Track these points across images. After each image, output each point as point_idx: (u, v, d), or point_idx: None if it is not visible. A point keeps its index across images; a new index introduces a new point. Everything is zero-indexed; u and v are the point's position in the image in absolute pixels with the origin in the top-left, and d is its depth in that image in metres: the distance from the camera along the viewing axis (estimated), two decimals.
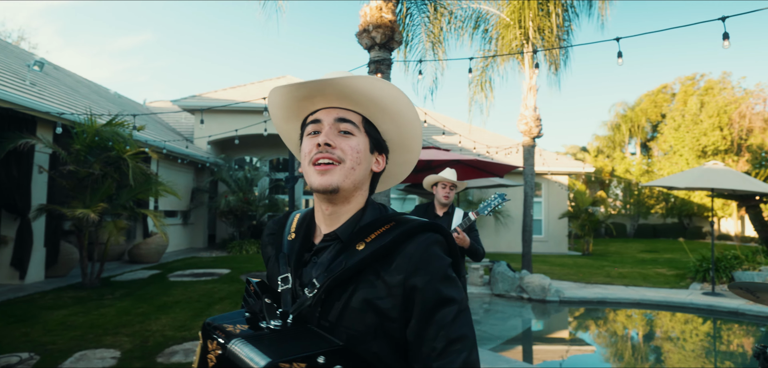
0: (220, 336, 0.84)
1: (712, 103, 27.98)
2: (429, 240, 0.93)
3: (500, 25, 12.49)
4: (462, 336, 0.88)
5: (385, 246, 0.92)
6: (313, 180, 0.97)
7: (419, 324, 0.89)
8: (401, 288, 0.89)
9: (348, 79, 0.95)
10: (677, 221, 29.89)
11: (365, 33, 6.27)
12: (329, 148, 0.96)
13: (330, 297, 0.92)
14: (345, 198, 1.00)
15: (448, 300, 0.90)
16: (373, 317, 0.89)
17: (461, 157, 8.25)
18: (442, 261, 0.92)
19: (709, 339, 6.95)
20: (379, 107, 1.01)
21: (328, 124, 0.99)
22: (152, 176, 9.27)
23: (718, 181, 9.70)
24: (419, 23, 11.09)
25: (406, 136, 1.07)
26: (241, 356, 0.77)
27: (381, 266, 0.92)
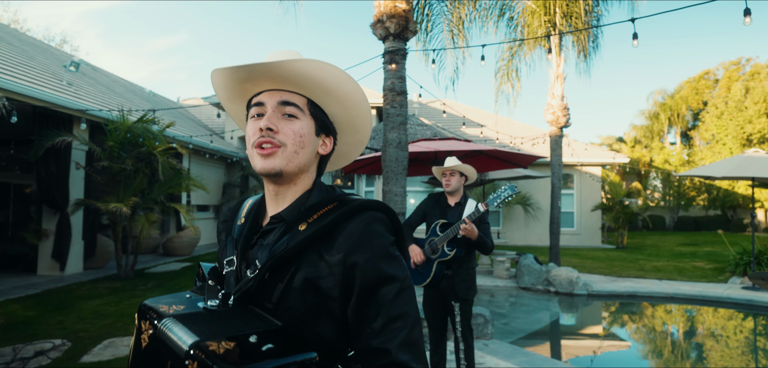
0: (153, 316, 0.84)
1: (758, 88, 26.58)
2: (370, 218, 0.92)
3: (526, 13, 12.23)
4: (402, 314, 0.87)
5: (326, 225, 0.91)
6: (256, 163, 0.97)
7: (359, 302, 0.88)
8: (341, 266, 0.89)
9: (290, 63, 0.93)
10: (720, 213, 28.62)
11: (379, 24, 6.25)
12: (271, 133, 0.96)
13: (272, 277, 0.92)
14: (290, 180, 0.99)
15: (390, 278, 0.89)
16: (314, 297, 0.89)
17: (481, 147, 8.14)
18: (383, 239, 0.91)
19: (750, 334, 6.65)
20: (324, 89, 0.99)
21: (272, 106, 0.98)
22: (182, 171, 9.54)
23: (760, 170, 9.24)
24: (439, 12, 10.98)
25: (353, 117, 1.06)
26: (169, 335, 0.77)
27: (322, 246, 0.91)
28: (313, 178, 1.04)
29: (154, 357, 0.81)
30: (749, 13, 4.56)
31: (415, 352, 0.87)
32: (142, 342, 0.85)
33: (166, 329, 0.79)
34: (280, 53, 0.99)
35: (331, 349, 0.90)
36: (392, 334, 0.86)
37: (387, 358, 0.85)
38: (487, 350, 4.72)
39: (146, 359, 0.84)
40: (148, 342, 0.83)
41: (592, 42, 12.77)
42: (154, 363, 0.82)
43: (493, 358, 4.50)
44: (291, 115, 0.98)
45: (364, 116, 1.06)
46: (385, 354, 0.85)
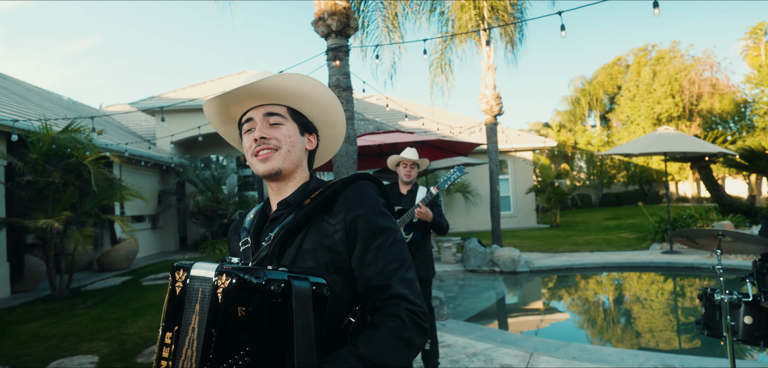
0: (185, 265, 0.99)
1: (663, 72, 29.09)
2: (363, 184, 1.12)
3: (455, 7, 12.65)
4: (398, 258, 1.05)
5: (327, 195, 1.10)
6: (257, 168, 1.15)
7: (361, 249, 1.05)
8: (343, 222, 1.07)
9: (264, 81, 1.10)
10: (638, 188, 31.08)
11: (321, 21, 6.28)
12: (265, 141, 1.13)
13: (284, 245, 1.09)
14: (288, 176, 1.17)
15: (384, 229, 1.08)
16: (323, 254, 1.05)
17: (424, 138, 8.39)
18: (375, 199, 1.11)
19: (670, 294, 7.37)
20: (298, 96, 1.17)
21: (259, 119, 1.15)
22: (116, 181, 9.05)
23: (670, 145, 10.20)
24: (374, 9, 11.15)
25: (329, 114, 1.24)
26: (200, 271, 0.95)
27: (325, 212, 1.09)
28: (306, 171, 1.22)
29: (188, 293, 0.95)
30: (657, 4, 5.05)
31: (411, 289, 1.03)
32: (176, 290, 0.98)
33: (197, 267, 0.96)
34: (256, 74, 1.15)
35: (342, 302, 1.04)
36: (390, 273, 1.03)
37: (387, 292, 1.01)
38: (445, 329, 4.95)
39: (180, 300, 0.97)
40: (182, 286, 0.97)
41: (518, 33, 13.45)
42: (188, 297, 0.95)
43: (451, 336, 4.72)
44: (276, 123, 1.15)
45: (336, 112, 1.24)
46: (385, 288, 1.02)
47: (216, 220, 14.03)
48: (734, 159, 12.63)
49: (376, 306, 1.02)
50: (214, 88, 16.55)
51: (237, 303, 0.87)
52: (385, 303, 1.01)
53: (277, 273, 0.89)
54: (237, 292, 0.86)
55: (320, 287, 0.94)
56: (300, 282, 0.91)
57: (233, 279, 0.87)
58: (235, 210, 14.25)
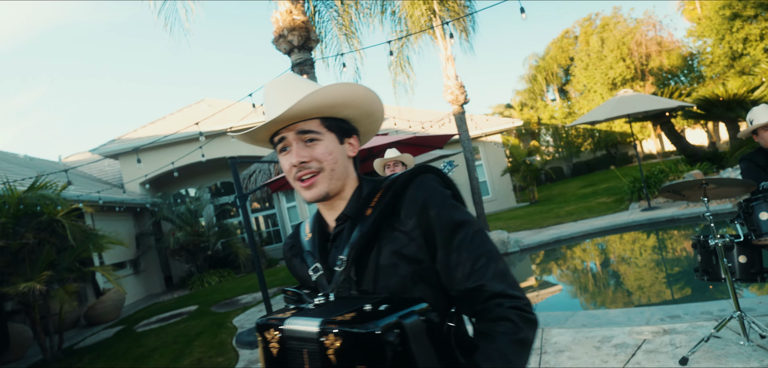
0: (274, 322, 0.91)
1: (610, 38, 30.11)
2: (425, 179, 1.02)
3: (406, 5, 12.81)
4: (484, 252, 0.96)
5: (388, 202, 1.00)
6: (303, 195, 1.06)
7: (443, 252, 0.96)
8: (418, 228, 0.97)
9: (291, 111, 0.98)
10: (606, 152, 32.08)
11: (281, 38, 6.29)
12: (305, 165, 1.02)
13: (359, 265, 1.00)
14: (337, 193, 1.07)
15: (462, 223, 0.98)
16: (405, 266, 0.97)
17: (399, 137, 8.47)
18: (442, 193, 1.01)
19: (657, 248, 7.68)
20: (330, 106, 1.04)
21: (293, 139, 1.03)
22: (92, 232, 8.79)
23: (632, 106, 10.60)
24: (329, 19, 11.20)
25: (365, 107, 1.10)
26: (297, 328, 0.86)
27: (392, 221, 1.00)
28: (355, 177, 1.11)
29: (289, 354, 0.88)
30: None
31: (507, 281, 0.95)
32: (272, 352, 0.91)
33: (292, 325, 0.88)
34: (276, 89, 1.06)
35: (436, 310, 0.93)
36: (482, 271, 0.94)
37: (485, 294, 0.93)
38: None
39: (281, 363, 0.90)
40: (278, 346, 0.90)
41: (470, 21, 13.71)
42: (290, 359, 0.88)
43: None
44: (312, 140, 1.03)
45: (373, 101, 1.10)
46: (481, 290, 0.93)
47: (199, 254, 13.77)
48: (692, 110, 13.21)
49: (477, 310, 0.95)
50: (175, 121, 16.23)
51: (354, 362, 0.78)
52: (485, 305, 0.93)
53: (385, 316, 0.79)
54: (352, 350, 0.78)
55: (428, 313, 0.84)
56: (409, 318, 0.80)
57: (344, 336, 0.79)
58: (217, 241, 14.02)
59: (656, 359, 3.32)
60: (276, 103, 1.05)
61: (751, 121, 3.49)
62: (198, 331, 7.00)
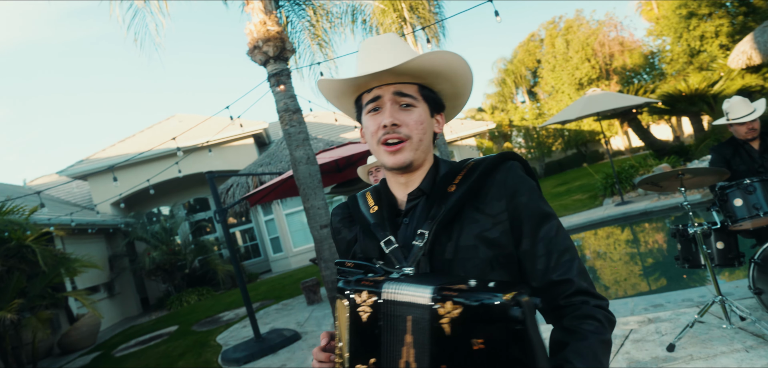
0: (367, 285, 0.85)
1: (575, 39, 30.97)
2: (513, 166, 1.00)
3: (376, 13, 12.92)
4: (568, 247, 0.96)
5: (475, 181, 0.98)
6: (385, 160, 1.02)
7: (529, 240, 0.95)
8: (506, 212, 0.95)
9: (414, 62, 0.96)
10: (576, 151, 32.84)
11: (256, 49, 6.24)
12: (396, 128, 0.99)
13: (437, 242, 0.96)
14: (417, 166, 1.04)
15: (549, 215, 0.97)
16: (485, 250, 0.94)
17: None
18: (530, 182, 1.00)
19: (633, 241, 7.91)
20: (435, 74, 1.03)
21: (388, 99, 1.01)
22: (63, 256, 8.51)
23: (601, 105, 10.93)
24: (301, 29, 11.19)
25: (460, 86, 1.09)
26: (403, 292, 0.80)
27: (477, 202, 0.97)
28: (433, 155, 1.09)
29: (385, 320, 0.82)
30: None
31: (588, 280, 0.94)
32: (360, 316, 0.85)
33: (396, 290, 0.81)
34: (384, 46, 1.02)
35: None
36: (567, 265, 0.93)
37: (572, 287, 0.92)
38: None
39: (371, 328, 0.83)
40: (370, 311, 0.84)
41: (440, 28, 13.92)
42: (389, 326, 0.82)
43: None
44: (408, 105, 1.01)
45: (468, 83, 1.09)
46: (569, 283, 0.92)
47: (176, 273, 13.45)
48: (657, 106, 13.69)
49: (560, 304, 0.93)
50: (145, 138, 15.88)
51: (471, 335, 0.73)
52: (571, 300, 0.92)
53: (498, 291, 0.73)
54: (471, 321, 0.73)
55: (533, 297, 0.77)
56: (523, 296, 0.73)
57: (464, 306, 0.73)
58: (194, 258, 13.74)
59: (644, 347, 3.41)
60: (381, 56, 1.01)
61: (726, 112, 3.65)
62: (180, 352, 6.84)
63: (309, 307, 8.09)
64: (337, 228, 1.18)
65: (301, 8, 8.77)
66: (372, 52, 1.03)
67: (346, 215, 1.16)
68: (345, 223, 1.15)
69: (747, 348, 3.04)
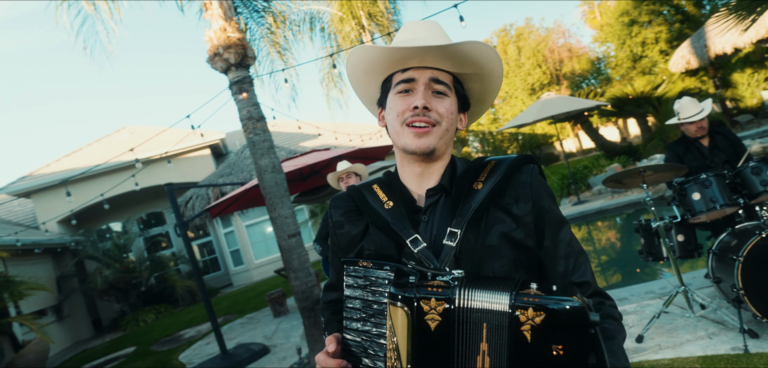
0: (436, 292, 0.80)
1: (526, 46, 32.08)
2: (535, 169, 1.02)
3: (334, 21, 12.94)
4: (581, 251, 0.99)
5: (501, 180, 0.98)
6: (408, 142, 0.98)
7: (551, 242, 0.97)
8: (531, 215, 0.96)
9: (463, 46, 0.95)
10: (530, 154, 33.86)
11: (217, 57, 6.11)
12: (427, 112, 0.97)
13: (465, 241, 0.94)
14: (438, 157, 1.02)
15: (565, 221, 1.01)
16: (510, 250, 0.94)
17: (340, 152, 8.48)
18: (549, 187, 1.03)
19: (590, 239, 8.21)
20: (475, 67, 1.02)
21: (423, 83, 0.99)
22: (6, 278, 7.96)
23: (556, 108, 11.34)
24: (261, 36, 11.04)
25: (487, 92, 1.09)
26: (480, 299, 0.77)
27: (502, 200, 0.97)
28: (451, 152, 1.07)
29: (458, 327, 0.78)
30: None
31: (596, 282, 0.99)
32: (428, 325, 0.80)
33: (469, 297, 0.78)
34: (428, 29, 1.01)
35: None
36: (584, 268, 0.97)
37: (590, 289, 0.95)
38: None
39: (442, 337, 0.79)
40: (440, 319, 0.79)
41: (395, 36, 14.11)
42: (462, 333, 0.78)
43: None
44: (441, 93, 1.00)
45: (495, 90, 1.09)
46: (587, 285, 0.95)
47: (131, 291, 12.85)
48: (607, 108, 14.32)
49: None
50: (93, 152, 15.16)
51: (551, 341, 0.72)
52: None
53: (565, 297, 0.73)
54: (551, 328, 0.72)
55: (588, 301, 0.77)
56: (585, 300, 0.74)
57: (546, 311, 0.72)
58: (150, 275, 13.18)
59: None
60: (426, 36, 1.00)
61: (677, 112, 3.85)
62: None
63: (276, 320, 7.92)
64: (338, 222, 1.11)
65: (260, 15, 8.62)
66: (417, 30, 1.01)
67: (351, 208, 1.10)
68: (349, 217, 1.09)
69: (710, 334, 3.20)
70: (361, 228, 1.07)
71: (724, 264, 3.20)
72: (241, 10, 7.82)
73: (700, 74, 14.60)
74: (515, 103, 31.92)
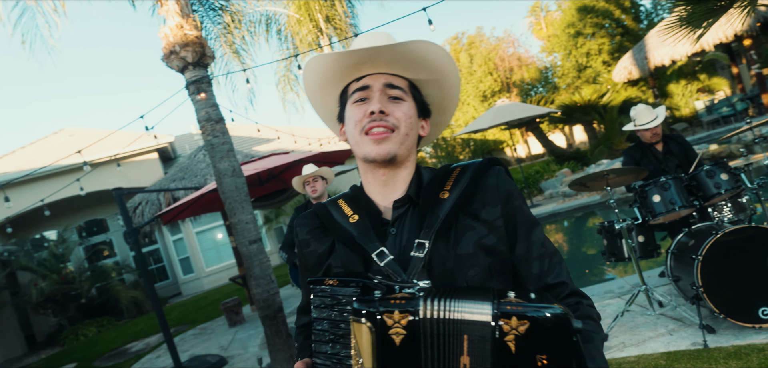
0: (399, 303, 0.75)
1: (478, 54, 32.93)
2: (501, 171, 1.00)
3: (292, 23, 12.77)
4: (555, 251, 0.98)
5: (468, 186, 0.95)
6: (368, 150, 0.95)
7: (524, 245, 0.94)
8: (502, 218, 0.94)
9: (409, 45, 0.93)
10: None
11: (173, 55, 5.86)
12: (384, 116, 0.95)
13: (435, 252, 0.91)
14: (400, 163, 0.99)
15: (536, 221, 0.99)
16: (484, 257, 0.91)
17: (299, 156, 8.33)
18: (516, 187, 1.00)
19: None
20: (429, 70, 0.99)
21: (378, 89, 0.97)
22: None
23: (510, 114, 11.68)
24: (216, 36, 10.72)
25: (446, 98, 1.07)
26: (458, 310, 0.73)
27: (470, 207, 0.95)
28: (415, 160, 1.04)
29: (428, 340, 0.74)
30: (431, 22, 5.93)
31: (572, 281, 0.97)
32: (393, 340, 0.75)
33: (445, 308, 0.74)
34: (378, 37, 0.98)
35: None
36: (558, 268, 0.95)
37: (567, 289, 0.94)
38: None
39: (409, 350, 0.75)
40: (405, 333, 0.75)
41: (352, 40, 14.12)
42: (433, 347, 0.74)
43: None
44: (397, 98, 0.97)
45: (455, 97, 1.07)
46: (563, 286, 0.94)
47: (70, 304, 12.04)
48: (557, 115, 14.88)
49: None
50: (30, 155, 14.13)
51: (536, 351, 0.69)
52: (566, 302, 0.92)
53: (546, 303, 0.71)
54: (535, 337, 0.69)
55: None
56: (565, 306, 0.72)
57: (531, 320, 0.69)
58: (90, 286, 12.41)
59: None
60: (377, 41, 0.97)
61: (634, 119, 4.02)
62: None
63: (231, 329, 7.64)
64: (304, 240, 1.07)
65: (217, 14, 8.33)
66: (368, 38, 0.99)
67: (316, 225, 1.06)
68: (314, 234, 1.05)
69: (670, 331, 3.33)
70: (327, 245, 1.03)
71: (683, 263, 3.34)
72: (197, 7, 7.53)
73: (640, 84, 15.46)
74: (467, 110, 32.60)
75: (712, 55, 15.93)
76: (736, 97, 13.84)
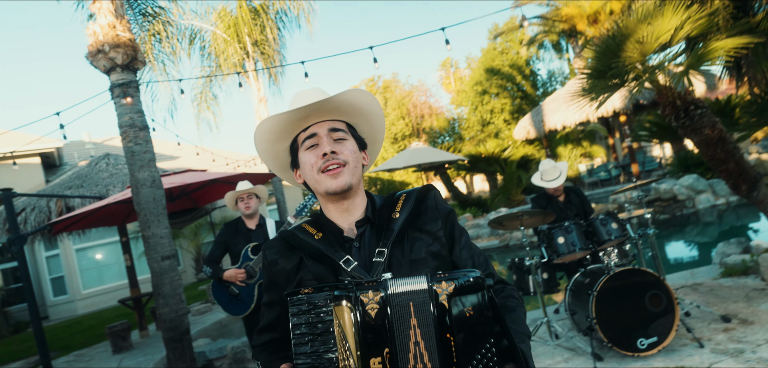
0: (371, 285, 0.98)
1: (392, 98, 34.25)
2: (437, 194, 1.29)
3: (217, 42, 12.53)
4: (481, 252, 1.28)
5: (414, 207, 1.21)
6: (328, 184, 1.16)
7: (458, 247, 1.23)
8: (443, 230, 1.22)
9: (344, 95, 1.17)
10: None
11: (101, 54, 5.57)
12: (335, 155, 1.16)
13: (393, 259, 1.15)
14: (355, 192, 1.21)
15: (464, 230, 1.30)
16: (432, 261, 1.17)
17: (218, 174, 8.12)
18: (449, 205, 1.31)
19: None
20: (360, 112, 1.24)
21: (325, 134, 1.18)
22: None
23: (423, 157, 12.38)
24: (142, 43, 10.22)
25: (376, 131, 1.32)
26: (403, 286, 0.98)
27: (417, 222, 1.21)
28: (363, 188, 1.28)
29: (395, 311, 0.96)
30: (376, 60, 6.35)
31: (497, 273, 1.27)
32: (370, 314, 0.96)
33: (396, 286, 0.98)
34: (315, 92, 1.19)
35: None
36: (486, 264, 1.25)
37: (495, 278, 1.23)
38: None
39: (381, 322, 0.96)
40: (378, 307, 0.96)
41: (281, 72, 14.08)
42: (396, 315, 0.96)
43: None
44: (341, 138, 1.20)
45: (382, 129, 1.33)
46: (492, 275, 1.23)
47: None
48: (465, 163, 15.96)
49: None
50: None
51: (464, 305, 0.95)
52: (495, 288, 1.21)
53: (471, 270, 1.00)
54: (461, 293, 0.95)
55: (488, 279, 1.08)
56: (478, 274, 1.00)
57: (453, 283, 0.96)
58: None
59: None
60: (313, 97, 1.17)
61: (541, 173, 4.57)
62: None
63: (116, 356, 6.99)
64: (273, 260, 1.23)
65: (149, 22, 7.98)
66: (305, 96, 1.19)
67: (283, 247, 1.23)
68: (283, 254, 1.22)
69: (566, 359, 3.79)
70: (295, 261, 1.20)
71: (579, 298, 3.86)
72: (128, 11, 7.18)
73: (535, 143, 17.17)
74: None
75: (593, 126, 18.25)
76: (612, 165, 15.95)
